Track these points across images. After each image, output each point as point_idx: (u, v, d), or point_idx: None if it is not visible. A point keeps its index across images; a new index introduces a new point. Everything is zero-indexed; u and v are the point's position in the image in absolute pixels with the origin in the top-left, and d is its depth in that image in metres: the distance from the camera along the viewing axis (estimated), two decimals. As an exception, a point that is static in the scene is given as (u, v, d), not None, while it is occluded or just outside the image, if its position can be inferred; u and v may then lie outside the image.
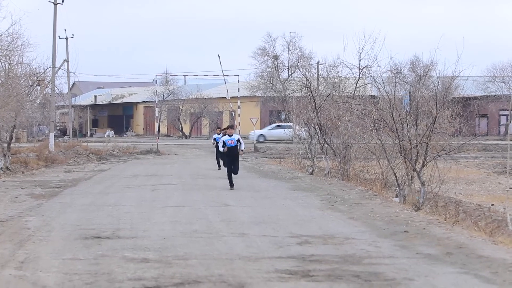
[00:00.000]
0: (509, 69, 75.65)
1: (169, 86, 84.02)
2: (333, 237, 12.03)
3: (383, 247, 11.04)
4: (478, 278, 8.69)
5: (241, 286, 8.42)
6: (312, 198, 18.75)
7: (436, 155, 18.64)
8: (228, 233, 12.66)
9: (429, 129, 18.44)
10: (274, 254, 10.51)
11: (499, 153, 47.39)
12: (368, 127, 21.95)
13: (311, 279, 8.77)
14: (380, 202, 17.40)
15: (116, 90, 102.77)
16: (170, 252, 10.65)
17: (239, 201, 18.07)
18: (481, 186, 27.83)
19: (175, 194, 20.22)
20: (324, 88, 47.59)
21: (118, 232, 12.81)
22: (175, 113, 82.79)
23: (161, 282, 8.67)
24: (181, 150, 52.94)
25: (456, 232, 12.40)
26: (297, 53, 75.77)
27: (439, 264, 9.60)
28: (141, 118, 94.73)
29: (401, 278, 8.72)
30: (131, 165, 35.96)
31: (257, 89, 74.74)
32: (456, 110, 19.50)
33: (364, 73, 53.77)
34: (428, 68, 24.45)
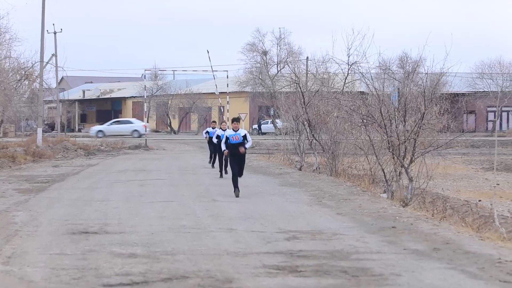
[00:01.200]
0: (497, 66, 75.95)
1: (158, 81, 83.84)
2: (321, 233, 12.05)
3: (370, 242, 11.06)
4: (465, 274, 8.72)
5: (228, 281, 8.42)
6: (300, 194, 18.77)
7: (424, 151, 18.70)
8: (216, 228, 12.67)
9: (417, 125, 18.50)
10: (262, 249, 10.52)
11: (487, 150, 47.58)
12: (357, 123, 22.00)
13: (299, 274, 8.78)
14: (368, 198, 17.44)
15: (105, 85, 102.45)
16: (158, 248, 10.64)
17: (227, 197, 18.06)
18: (469, 182, 27.93)
19: (163, 189, 20.19)
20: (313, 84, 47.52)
21: (106, 227, 12.79)
22: (164, 108, 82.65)
23: (149, 277, 8.66)
24: (170, 145, 52.87)
25: (443, 228, 12.45)
26: (286, 48, 75.77)
27: (426, 260, 9.64)
28: (129, 113, 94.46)
29: (389, 274, 8.75)
30: (119, 160, 35.89)
31: (246, 84, 74.68)
32: (444, 106, 19.57)
33: (353, 69, 53.83)
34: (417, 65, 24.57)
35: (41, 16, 46.68)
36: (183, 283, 8.38)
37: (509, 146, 53.85)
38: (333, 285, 8.20)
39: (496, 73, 75.04)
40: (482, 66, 76.54)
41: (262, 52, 75.61)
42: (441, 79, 21.56)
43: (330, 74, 55.37)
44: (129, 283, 8.41)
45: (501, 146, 52.45)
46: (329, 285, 8.22)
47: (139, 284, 8.37)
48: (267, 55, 75.79)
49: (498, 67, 75.83)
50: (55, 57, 63.31)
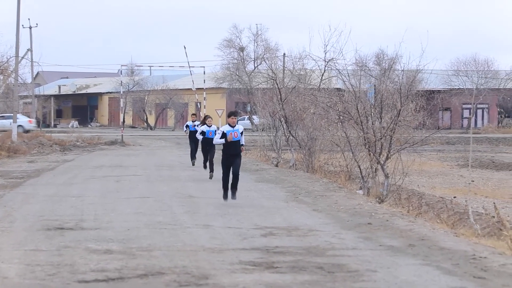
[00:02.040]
0: (472, 63, 76.43)
1: (134, 76, 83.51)
2: (297, 229, 12.07)
3: (346, 239, 11.10)
4: (440, 270, 8.78)
5: (205, 277, 8.42)
6: (277, 190, 18.79)
7: (400, 147, 18.80)
8: (192, 224, 12.65)
9: (393, 122, 18.59)
10: (238, 245, 10.52)
11: (462, 146, 47.92)
12: (333, 120, 22.07)
13: (275, 270, 8.79)
14: (344, 194, 17.49)
15: (81, 81, 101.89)
16: (134, 244, 10.60)
17: (203, 193, 18.04)
18: (444, 178, 28.12)
19: (140, 185, 20.13)
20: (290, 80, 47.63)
21: (81, 223, 12.73)
22: (140, 104, 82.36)
23: (125, 273, 8.64)
24: (146, 141, 52.70)
25: (418, 224, 12.52)
26: (263, 45, 75.70)
27: (402, 256, 9.69)
28: (106, 108, 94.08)
29: (364, 270, 8.78)
30: (95, 156, 35.73)
31: (223, 80, 74.57)
32: (420, 103, 19.69)
33: (329, 66, 53.97)
34: (393, 61, 24.66)
35: (16, 11, 46.32)
36: (159, 279, 8.36)
37: (483, 143, 54.28)
38: (309, 281, 8.22)
39: (471, 70, 75.53)
40: (457, 63, 77.06)
41: (239, 48, 75.51)
42: (417, 76, 21.68)
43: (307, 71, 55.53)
44: (104, 279, 8.38)
45: (476, 143, 52.87)
46: (305, 281, 8.25)
47: (115, 280, 8.34)
48: (244, 51, 75.70)
49: (473, 64, 76.34)
50: (30, 52, 62.92)
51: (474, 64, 76.27)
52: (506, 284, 8.04)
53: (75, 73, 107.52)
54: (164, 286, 8.06)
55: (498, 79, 74.67)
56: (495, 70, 75.53)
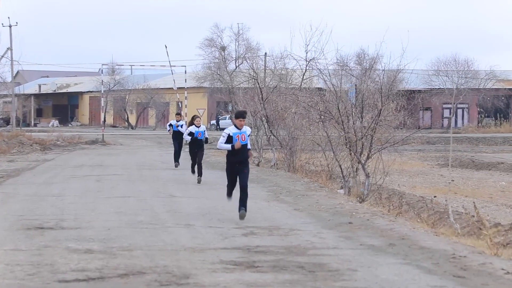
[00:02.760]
0: (453, 63, 76.82)
1: (115, 76, 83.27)
2: (278, 228, 12.08)
3: (327, 238, 11.13)
4: (420, 269, 8.82)
5: (186, 277, 8.41)
6: (258, 190, 18.78)
7: (381, 147, 18.87)
8: (173, 224, 12.63)
9: (374, 122, 18.66)
10: (219, 245, 10.52)
11: (442, 146, 48.16)
12: (314, 119, 22.11)
13: (256, 270, 8.80)
14: (325, 194, 17.53)
15: (61, 80, 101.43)
16: (114, 243, 10.57)
17: (184, 192, 18.02)
18: (424, 178, 28.26)
19: (121, 184, 20.07)
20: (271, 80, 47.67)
21: (61, 222, 12.67)
22: (121, 103, 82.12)
23: (105, 273, 8.61)
24: (127, 140, 52.55)
25: (399, 224, 12.57)
26: (244, 44, 75.75)
27: (382, 255, 9.72)
28: (86, 108, 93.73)
29: (345, 269, 8.81)
30: (76, 156, 35.57)
31: (204, 80, 74.49)
32: (400, 103, 19.77)
33: (310, 65, 54.06)
34: (374, 61, 24.75)
35: (-4, 9, 45.98)
36: (140, 278, 8.34)
37: (464, 143, 54.59)
38: (290, 281, 8.24)
39: (452, 70, 75.91)
40: (438, 63, 77.42)
41: (221, 48, 75.48)
42: (397, 75, 21.77)
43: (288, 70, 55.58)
44: (85, 279, 8.34)
45: (456, 142, 53.17)
46: (286, 280, 8.26)
47: (95, 280, 8.31)
48: (226, 50, 75.69)
49: (454, 64, 76.73)
50: (10, 51, 62.48)
51: (454, 64, 76.67)
52: (485, 283, 8.09)
53: (55, 72, 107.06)
54: (145, 285, 8.04)
55: (478, 79, 75.10)
56: (475, 70, 75.95)
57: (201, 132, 20.74)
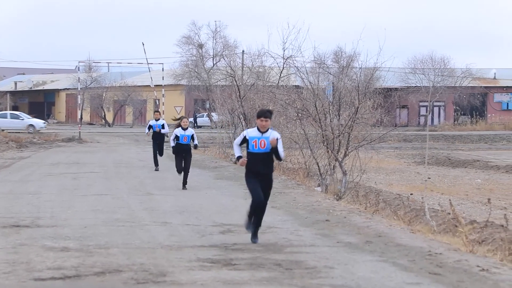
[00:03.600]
0: (429, 61, 77.16)
1: (92, 73, 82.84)
2: (255, 226, 12.07)
3: (304, 235, 11.15)
4: (396, 266, 8.86)
5: (162, 275, 8.39)
6: (235, 187, 18.79)
7: (358, 145, 18.94)
8: (150, 221, 12.60)
9: (351, 119, 18.72)
10: (197, 243, 10.51)
11: (419, 144, 48.41)
12: (292, 117, 22.15)
13: (233, 267, 8.80)
14: (302, 191, 17.56)
15: (37, 77, 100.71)
16: (91, 241, 10.53)
17: (162, 190, 17.98)
18: (401, 175, 28.39)
19: (97, 182, 19.99)
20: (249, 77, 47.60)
21: (37, 220, 12.60)
22: (98, 101, 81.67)
23: (81, 271, 8.57)
24: (104, 138, 52.32)
25: (375, 221, 12.62)
26: (222, 42, 75.62)
27: (359, 253, 9.76)
28: (63, 105, 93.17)
29: (322, 267, 8.83)
30: (52, 153, 35.37)
31: (181, 77, 74.32)
32: (377, 100, 19.87)
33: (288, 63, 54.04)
34: (351, 59, 24.83)
35: (-28, 5, 45.63)
36: (116, 276, 8.32)
37: (440, 141, 54.91)
38: (266, 278, 8.24)
39: (428, 68, 76.27)
40: (414, 61, 77.72)
41: (198, 45, 75.33)
42: (374, 73, 21.86)
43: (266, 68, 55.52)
44: (61, 277, 8.30)
45: (433, 140, 53.46)
46: (263, 278, 8.26)
47: (71, 278, 8.27)
48: (203, 48, 75.54)
49: (430, 62, 77.08)
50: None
51: (430, 62, 77.03)
52: (461, 279, 8.14)
53: (31, 69, 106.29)
54: (122, 283, 8.02)
55: (454, 77, 75.52)
56: (451, 68, 76.37)
57: (187, 136, 18.24)
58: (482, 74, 77.40)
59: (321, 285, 7.90)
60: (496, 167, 32.14)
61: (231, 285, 7.95)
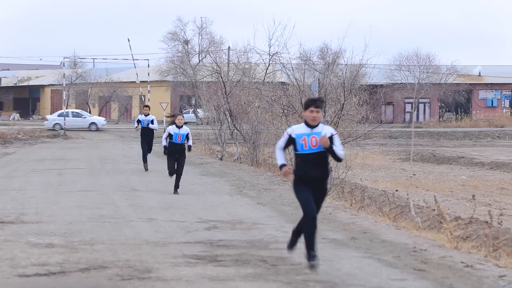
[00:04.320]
0: (414, 58, 77.40)
1: (77, 69, 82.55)
2: (241, 222, 12.09)
3: (290, 232, 11.12)
4: (381, 262, 8.89)
5: (148, 271, 8.38)
6: (221, 184, 18.79)
7: (343, 141, 18.96)
8: (136, 218, 12.57)
9: (337, 116, 18.75)
10: (182, 239, 10.50)
11: (404, 140, 48.59)
12: (278, 113, 22.16)
13: (219, 264, 8.80)
14: (288, 188, 17.55)
15: (22, 73, 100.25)
16: (76, 237, 10.50)
17: (147, 186, 17.95)
18: (386, 172, 28.48)
19: (82, 178, 19.93)
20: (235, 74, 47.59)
21: (22, 216, 12.55)
22: (84, 97, 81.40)
23: (66, 267, 8.54)
24: (89, 134, 52.16)
25: (361, 218, 12.65)
26: (207, 38, 75.54)
27: (344, 249, 9.78)
28: (48, 101, 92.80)
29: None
30: (37, 149, 35.23)
31: (167, 73, 74.18)
32: (363, 97, 19.91)
33: (274, 60, 54.05)
34: (337, 56, 24.85)
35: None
36: (101, 273, 8.29)
37: (425, 137, 55.14)
38: (252, 275, 8.25)
39: (414, 65, 76.50)
40: (400, 58, 77.95)
41: (184, 41, 75.21)
42: (360, 70, 21.89)
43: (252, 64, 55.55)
44: (45, 273, 8.27)
45: (418, 137, 53.67)
46: (248, 274, 8.27)
47: (56, 274, 8.24)
48: (189, 44, 75.43)
49: (415, 59, 77.31)
50: (-30, 43, 61.52)
51: (416, 59, 77.27)
52: (445, 276, 8.18)
53: (16, 65, 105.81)
54: (107, 279, 8.00)
55: (440, 74, 75.79)
56: (437, 65, 76.63)
57: (182, 135, 16.48)
58: (467, 71, 77.70)
59: (306, 281, 7.91)
60: (481, 163, 32.31)
61: (216, 281, 7.95)
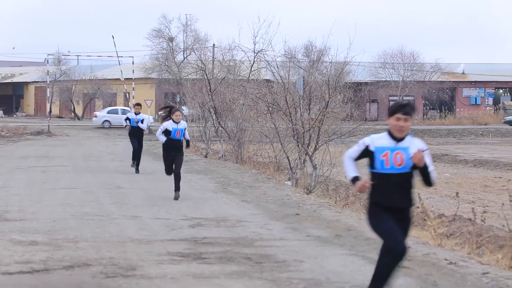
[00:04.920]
0: (399, 55, 77.62)
1: (61, 66, 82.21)
2: (226, 220, 12.09)
3: (274, 229, 11.17)
4: (366, 260, 8.91)
5: (132, 268, 8.36)
6: (206, 181, 18.78)
7: (328, 139, 19.01)
8: (120, 215, 12.54)
9: (322, 114, 18.77)
10: (166, 236, 10.49)
11: (389, 138, 48.67)
12: (262, 111, 22.17)
13: (203, 261, 8.79)
14: (273, 185, 17.58)
15: (6, 70, 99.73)
16: (60, 235, 10.46)
17: (132, 183, 17.91)
18: (371, 169, 28.52)
19: (67, 176, 19.86)
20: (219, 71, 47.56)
21: (5, 214, 12.49)
22: (68, 94, 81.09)
23: (50, 265, 8.51)
24: (74, 131, 51.99)
25: (345, 215, 12.68)
26: (192, 35, 75.43)
27: (329, 246, 9.80)
28: (32, 98, 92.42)
29: (292, 260, 8.85)
30: (21, 146, 35.06)
31: (152, 71, 74.02)
32: (347, 95, 19.96)
33: (259, 57, 54.08)
34: (321, 53, 24.88)
35: None
36: (85, 270, 8.27)
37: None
38: (236, 272, 8.25)
39: (398, 63, 76.74)
40: (384, 55, 78.15)
41: (168, 39, 75.07)
42: (345, 68, 21.91)
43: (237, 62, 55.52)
44: (29, 271, 8.24)
45: (402, 134, 53.60)
46: (232, 272, 8.27)
47: (40, 272, 8.21)
48: (173, 41, 75.29)
49: (400, 57, 77.54)
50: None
51: (400, 57, 77.49)
52: (429, 273, 8.21)
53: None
54: (90, 277, 7.97)
55: (424, 72, 76.06)
56: (421, 63, 76.89)
57: (180, 130, 15.39)
58: (451, 68, 78.04)
59: (290, 279, 7.91)
60: (465, 161, 32.45)
61: (201, 278, 7.94)
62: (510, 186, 19.63)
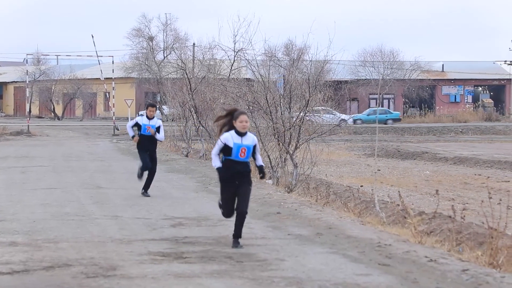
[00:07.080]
0: (379, 54, 77.97)
1: (40, 66, 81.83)
2: (207, 219, 12.09)
3: (255, 228, 11.17)
4: (346, 258, 8.93)
5: (113, 268, 8.33)
6: (186, 180, 18.75)
7: (309, 137, 19.02)
8: (100, 215, 12.50)
9: (302, 112, 18.79)
10: (147, 236, 10.47)
11: (369, 136, 48.85)
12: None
13: (184, 261, 8.78)
14: (254, 184, 17.54)
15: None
16: (40, 235, 10.41)
17: (112, 183, 17.85)
18: (351, 168, 28.63)
19: (47, 176, 19.76)
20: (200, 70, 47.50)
21: (-15, 215, 12.40)
22: (47, 94, 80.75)
23: (30, 266, 8.47)
24: (54, 131, 51.74)
25: (326, 213, 12.70)
26: (172, 34, 75.34)
27: (310, 245, 9.82)
28: (11, 98, 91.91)
29: (273, 259, 8.86)
30: (0, 147, 34.84)
31: (132, 70, 73.85)
32: (328, 93, 19.97)
33: (239, 56, 54.05)
34: (302, 52, 24.92)
35: None
36: (65, 271, 8.23)
37: (390, 133, 55.53)
38: (217, 271, 8.25)
39: (378, 61, 77.04)
40: (364, 54, 78.49)
41: (148, 38, 74.92)
42: (325, 66, 21.94)
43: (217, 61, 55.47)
44: (9, 272, 8.19)
45: (382, 132, 54.03)
46: (214, 271, 8.26)
47: (20, 272, 8.17)
48: (153, 40, 75.14)
49: (380, 55, 77.89)
50: None
51: (380, 55, 77.84)
52: (409, 270, 8.24)
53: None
54: (71, 278, 7.94)
55: (403, 70, 76.43)
56: (400, 61, 77.27)
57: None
58: (430, 66, 78.45)
59: (271, 278, 7.92)
60: (444, 158, 32.63)
61: (182, 278, 7.93)
62: (489, 183, 19.74)
